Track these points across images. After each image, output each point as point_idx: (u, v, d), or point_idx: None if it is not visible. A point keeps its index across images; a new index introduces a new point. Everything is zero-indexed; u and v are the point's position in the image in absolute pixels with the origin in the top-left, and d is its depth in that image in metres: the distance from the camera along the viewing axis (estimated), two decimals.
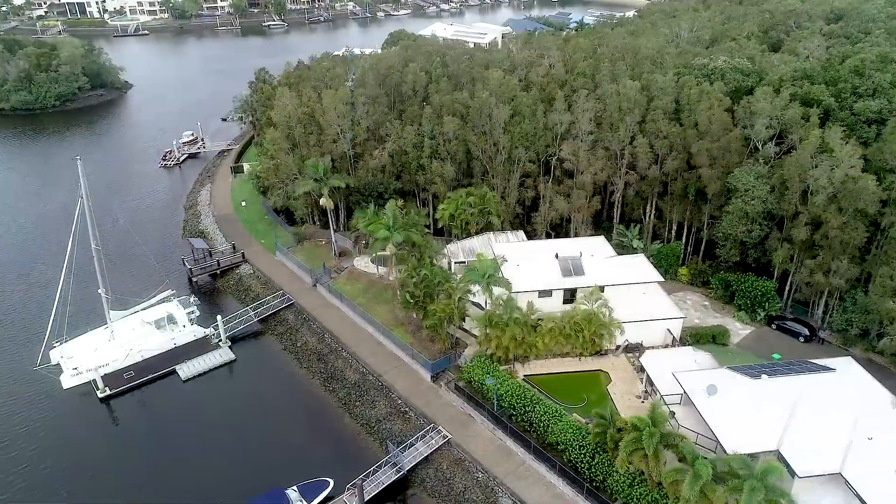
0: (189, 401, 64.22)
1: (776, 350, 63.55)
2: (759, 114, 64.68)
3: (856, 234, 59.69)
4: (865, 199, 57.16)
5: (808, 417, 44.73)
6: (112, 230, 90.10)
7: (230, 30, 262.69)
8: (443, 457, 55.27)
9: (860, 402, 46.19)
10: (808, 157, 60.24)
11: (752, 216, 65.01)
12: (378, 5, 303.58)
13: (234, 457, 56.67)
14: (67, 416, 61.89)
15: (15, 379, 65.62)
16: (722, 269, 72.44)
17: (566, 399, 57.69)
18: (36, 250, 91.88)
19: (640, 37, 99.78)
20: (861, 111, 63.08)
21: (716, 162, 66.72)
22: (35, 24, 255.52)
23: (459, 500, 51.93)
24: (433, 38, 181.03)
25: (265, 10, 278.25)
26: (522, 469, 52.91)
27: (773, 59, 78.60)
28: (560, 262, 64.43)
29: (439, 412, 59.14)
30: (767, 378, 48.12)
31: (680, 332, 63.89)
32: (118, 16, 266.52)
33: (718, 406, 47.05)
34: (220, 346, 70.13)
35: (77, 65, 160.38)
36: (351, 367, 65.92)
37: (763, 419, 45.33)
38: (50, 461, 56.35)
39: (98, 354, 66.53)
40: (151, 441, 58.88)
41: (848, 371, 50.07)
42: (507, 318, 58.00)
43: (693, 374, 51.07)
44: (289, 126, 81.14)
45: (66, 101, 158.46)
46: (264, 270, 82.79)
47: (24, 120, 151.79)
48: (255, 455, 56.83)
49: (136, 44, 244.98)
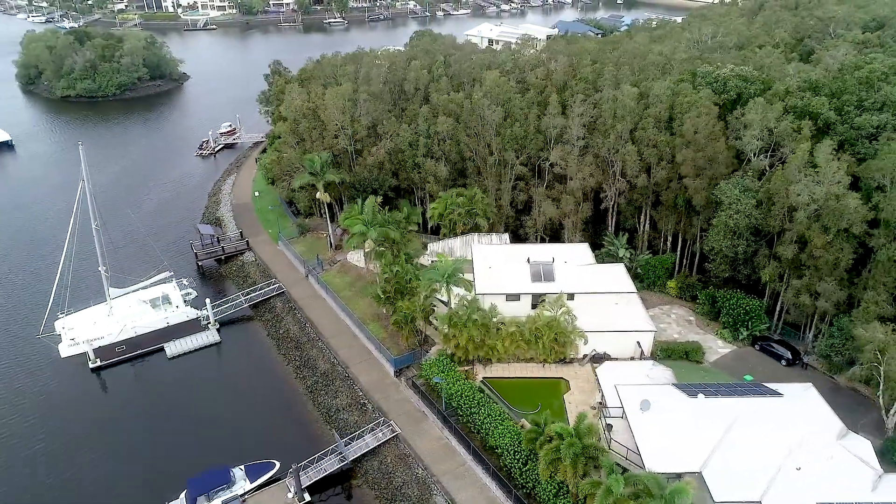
0: (169, 377, 67.76)
1: (753, 372, 60.92)
2: (750, 125, 62.10)
3: (841, 255, 56.49)
4: (849, 218, 54.03)
5: (739, 441, 42.98)
6: (132, 214, 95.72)
7: (293, 26, 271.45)
8: (389, 451, 56.15)
9: (803, 430, 43.88)
10: (794, 172, 57.45)
11: (736, 231, 62.45)
12: (438, 4, 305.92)
13: (197, 433, 59.54)
14: (61, 382, 66.56)
15: (20, 345, 71.14)
16: (711, 285, 69.93)
17: (520, 404, 57.46)
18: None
19: (664, 41, 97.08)
20: (861, 125, 59.47)
21: (702, 172, 64.45)
22: (115, 17, 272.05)
23: (396, 494, 52.69)
24: (477, 38, 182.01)
25: (328, 7, 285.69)
26: (462, 469, 53.13)
27: (789, 68, 74.89)
28: (531, 267, 63.99)
29: (395, 407, 60.03)
30: (704, 398, 46.40)
31: (651, 346, 62.28)
32: (190, 11, 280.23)
33: (650, 422, 45.80)
34: (208, 328, 73.49)
35: (138, 56, 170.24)
36: (323, 357, 67.72)
37: (692, 439, 43.86)
38: (34, 417, 61.57)
39: (95, 328, 71.03)
40: (127, 412, 62.63)
41: (802, 397, 47.58)
42: (465, 318, 58.23)
43: (636, 388, 49.84)
44: (295, 120, 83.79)
45: (125, 90, 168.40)
46: (265, 259, 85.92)
47: (87, 106, 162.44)
48: (216, 432, 59.49)
49: (204, 37, 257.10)
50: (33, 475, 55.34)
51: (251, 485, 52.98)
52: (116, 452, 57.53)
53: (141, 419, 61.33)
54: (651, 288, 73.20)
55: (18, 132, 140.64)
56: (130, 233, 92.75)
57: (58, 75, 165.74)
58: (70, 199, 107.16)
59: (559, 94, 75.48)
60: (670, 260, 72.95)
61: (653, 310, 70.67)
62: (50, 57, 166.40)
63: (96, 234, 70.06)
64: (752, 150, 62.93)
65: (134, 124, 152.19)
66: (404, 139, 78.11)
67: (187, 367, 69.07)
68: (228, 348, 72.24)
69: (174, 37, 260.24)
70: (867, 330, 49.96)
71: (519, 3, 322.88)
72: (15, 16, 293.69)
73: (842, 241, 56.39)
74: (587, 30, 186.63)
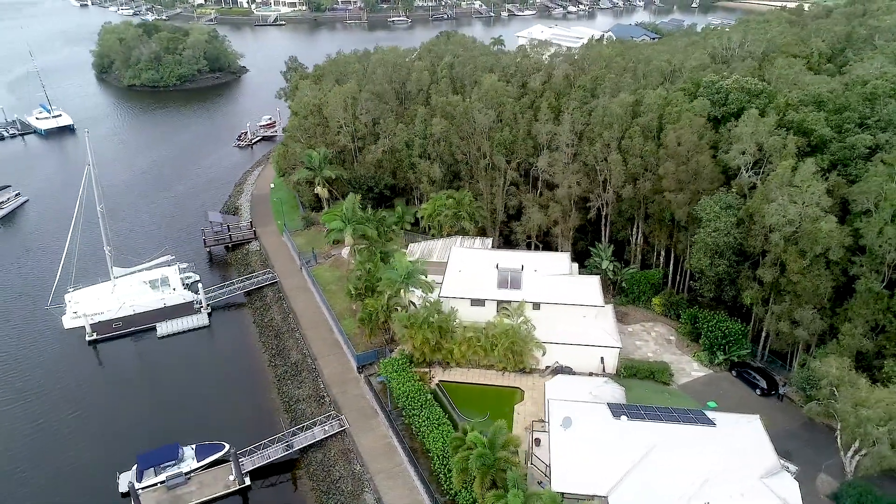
0: (155, 355, 71.45)
1: (723, 399, 57.93)
2: (739, 138, 58.93)
3: (819, 282, 52.80)
4: (825, 243, 50.42)
5: (652, 468, 41.13)
6: (155, 198, 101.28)
7: (358, 23, 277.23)
8: (335, 444, 57.09)
9: (725, 463, 41.49)
10: (774, 190, 54.15)
11: (716, 249, 59.45)
12: (503, 4, 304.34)
13: (166, 409, 62.51)
14: (58, 351, 71.62)
15: (31, 313, 76.91)
16: (697, 304, 66.89)
17: (470, 410, 57.10)
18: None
19: (693, 49, 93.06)
20: (855, 145, 55.26)
21: (685, 186, 61.69)
22: (194, 11, 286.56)
23: (332, 488, 53.56)
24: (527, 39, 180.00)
25: (394, 6, 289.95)
26: (398, 470, 53.35)
27: (807, 80, 70.33)
28: (499, 274, 63.20)
29: (350, 402, 60.90)
30: (627, 419, 44.55)
31: (616, 363, 60.36)
32: (263, 6, 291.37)
33: (568, 440, 44.49)
34: (200, 312, 76.80)
35: (199, 49, 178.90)
36: (297, 348, 69.43)
37: (605, 461, 42.32)
38: (27, 377, 67.29)
39: (98, 303, 75.65)
40: (109, 384, 66.75)
41: (738, 429, 44.87)
42: (420, 320, 58.35)
43: (567, 404, 48.44)
44: (304, 116, 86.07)
45: (185, 81, 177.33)
46: (269, 249, 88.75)
47: (150, 95, 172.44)
48: (182, 411, 62.27)
49: (273, 32, 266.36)
50: (11, 427, 60.29)
51: (198, 464, 55.17)
52: (89, 419, 61.58)
53: (118, 391, 65.20)
54: (636, 303, 70.74)
55: (83, 117, 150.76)
56: (148, 216, 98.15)
57: (126, 65, 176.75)
58: (112, 181, 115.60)
59: (557, 100, 74.04)
60: (657, 275, 70.15)
61: (633, 326, 68.52)
62: (120, 48, 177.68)
63: (101, 216, 74.57)
64: (740, 165, 59.69)
65: (187, 113, 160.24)
66: (401, 139, 78.76)
67: (173, 347, 72.52)
68: (215, 332, 75.29)
69: (246, 31, 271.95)
70: (823, 364, 46.48)
71: (588, 5, 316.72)
72: (108, 8, 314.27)
73: (820, 266, 52.71)
74: (643, 34, 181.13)
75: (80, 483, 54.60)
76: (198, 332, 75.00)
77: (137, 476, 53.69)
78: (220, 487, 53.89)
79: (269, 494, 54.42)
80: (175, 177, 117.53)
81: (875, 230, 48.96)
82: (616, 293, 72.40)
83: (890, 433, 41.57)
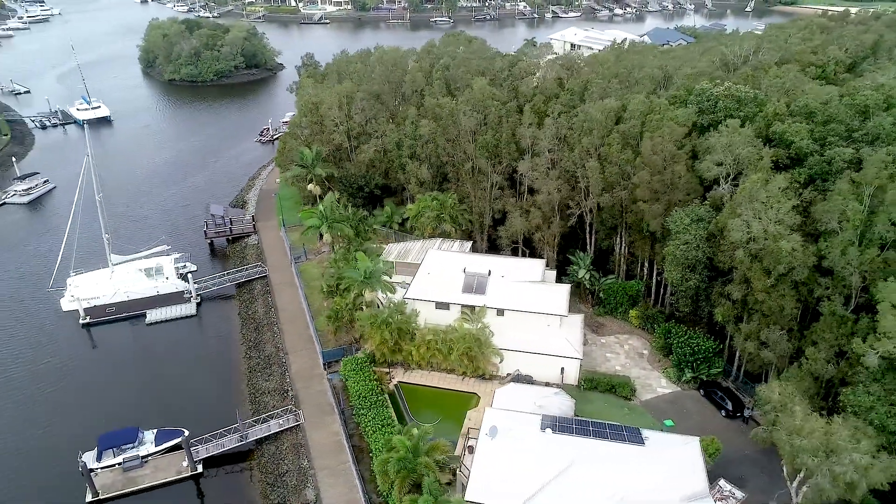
0: (141, 341, 74.11)
1: (686, 419, 56.14)
2: (713, 149, 56.82)
3: (784, 303, 50.39)
4: (786, 262, 48.08)
5: (568, 484, 40.15)
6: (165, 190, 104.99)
7: (401, 23, 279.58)
8: (288, 438, 57.87)
9: (650, 482, 40.15)
10: (743, 204, 51.94)
11: (687, 263, 57.47)
12: (547, 6, 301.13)
13: (138, 393, 64.76)
14: (52, 331, 75.14)
15: (34, 294, 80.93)
16: (674, 318, 64.84)
17: (424, 413, 57.10)
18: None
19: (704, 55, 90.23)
20: (833, 158, 52.39)
21: (660, 197, 59.82)
22: (244, 9, 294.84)
23: (278, 480, 54.31)
24: (560, 42, 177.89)
25: (438, 6, 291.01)
26: (342, 468, 53.64)
27: (806, 88, 67.16)
28: (465, 278, 62.82)
29: (310, 398, 61.60)
30: (552, 432, 43.57)
31: (577, 374, 59.18)
32: (311, 5, 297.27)
33: (493, 450, 43.89)
34: (189, 301, 79.15)
35: (237, 46, 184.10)
36: (273, 341, 70.70)
37: (523, 474, 41.53)
38: (18, 352, 71.50)
39: (95, 288, 78.89)
40: (92, 364, 69.74)
41: (669, 451, 43.33)
42: (379, 320, 58.59)
43: (501, 412, 47.83)
44: (303, 114, 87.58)
45: (222, 77, 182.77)
46: (266, 243, 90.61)
47: (188, 90, 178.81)
48: (152, 395, 64.38)
49: (318, 31, 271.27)
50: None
51: (156, 448, 56.84)
52: (66, 396, 64.67)
53: (98, 372, 68.18)
54: (613, 314, 69.08)
55: (122, 109, 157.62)
56: (158, 205, 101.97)
57: (168, 60, 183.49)
58: (133, 170, 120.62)
59: (545, 104, 72.97)
60: (636, 287, 68.26)
61: (607, 337, 67.04)
62: (163, 43, 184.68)
63: (99, 205, 77.78)
64: (714, 177, 57.50)
65: (220, 108, 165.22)
66: (391, 139, 79.16)
67: (159, 334, 75.02)
68: (201, 321, 77.45)
69: (293, 29, 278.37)
70: (766, 388, 44.34)
71: (635, 8, 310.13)
72: (165, 4, 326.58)
73: (786, 286, 50.29)
74: (680, 38, 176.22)
75: (44, 457, 57.04)
76: (185, 320, 77.30)
77: (97, 456, 55.75)
78: (173, 473, 55.41)
79: (219, 483, 55.60)
80: (194, 168, 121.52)
81: (838, 251, 46.37)
82: (595, 303, 70.91)
83: (828, 465, 39.29)
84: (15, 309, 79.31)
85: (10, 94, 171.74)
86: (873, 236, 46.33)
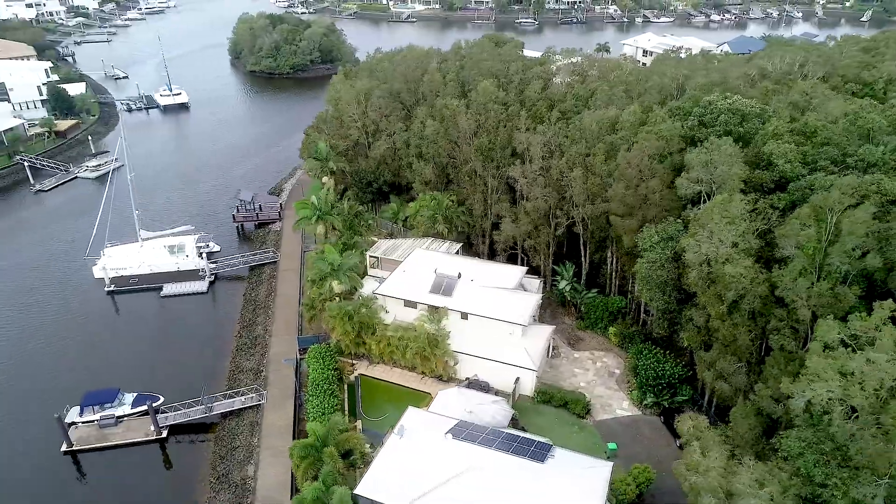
0: (152, 310, 79.91)
1: (634, 444, 53.93)
2: (690, 166, 53.95)
3: (737, 332, 47.27)
4: (733, 287, 45.10)
5: (456, 492, 39.85)
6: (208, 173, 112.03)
7: (487, 23, 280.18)
8: (248, 416, 60.70)
9: (540, 500, 39.13)
10: (706, 225, 49.08)
11: (655, 282, 54.96)
12: (639, 10, 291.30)
13: (133, 357, 69.98)
14: (79, 294, 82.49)
15: (73, 259, 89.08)
16: (650, 340, 62.08)
17: (376, 406, 58.24)
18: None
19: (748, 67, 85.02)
20: (812, 184, 48.33)
21: (633, 212, 57.43)
22: (338, 6, 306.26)
23: (227, 454, 57.18)
24: (633, 48, 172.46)
25: (525, 7, 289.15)
26: (284, 450, 55.30)
27: (830, 105, 62.13)
28: (435, 279, 63.09)
29: (279, 380, 64.13)
30: (451, 438, 43.20)
31: (533, 386, 58.15)
32: (400, 3, 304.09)
33: (396, 449, 44.21)
34: (203, 279, 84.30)
35: (315, 41, 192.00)
36: (263, 324, 74.13)
37: (416, 476, 41.60)
38: (46, 308, 79.37)
39: (124, 260, 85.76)
40: (104, 326, 75.98)
41: (576, 472, 41.81)
42: (342, 312, 60.18)
43: (422, 413, 48.13)
44: (327, 109, 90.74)
45: (298, 71, 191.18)
46: (287, 230, 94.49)
47: (266, 81, 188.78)
48: (144, 361, 69.25)
49: (405, 28, 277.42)
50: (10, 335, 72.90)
51: (131, 410, 61.36)
52: (69, 349, 71.25)
53: (106, 333, 74.47)
54: (594, 329, 66.96)
55: (202, 96, 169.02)
56: (201, 187, 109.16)
57: (250, 52, 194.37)
58: (190, 154, 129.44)
59: (549, 110, 71.70)
60: (617, 303, 65.78)
61: (582, 353, 65.25)
62: (248, 36, 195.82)
63: (130, 183, 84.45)
64: (692, 195, 54.52)
65: (290, 99, 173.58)
66: (401, 138, 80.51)
67: (170, 307, 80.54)
68: (208, 299, 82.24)
69: (382, 26, 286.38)
70: (681, 420, 41.82)
71: (736, 15, 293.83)
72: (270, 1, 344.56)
73: (742, 315, 47.12)
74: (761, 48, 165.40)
75: (35, 405, 62.72)
76: (196, 296, 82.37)
77: (80, 411, 61.03)
78: (141, 435, 59.65)
79: (179, 449, 59.18)
80: (250, 154, 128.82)
81: (787, 280, 42.94)
82: (578, 316, 69.04)
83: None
84: (58, 270, 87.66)
85: (111, 79, 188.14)
86: (831, 268, 42.53)
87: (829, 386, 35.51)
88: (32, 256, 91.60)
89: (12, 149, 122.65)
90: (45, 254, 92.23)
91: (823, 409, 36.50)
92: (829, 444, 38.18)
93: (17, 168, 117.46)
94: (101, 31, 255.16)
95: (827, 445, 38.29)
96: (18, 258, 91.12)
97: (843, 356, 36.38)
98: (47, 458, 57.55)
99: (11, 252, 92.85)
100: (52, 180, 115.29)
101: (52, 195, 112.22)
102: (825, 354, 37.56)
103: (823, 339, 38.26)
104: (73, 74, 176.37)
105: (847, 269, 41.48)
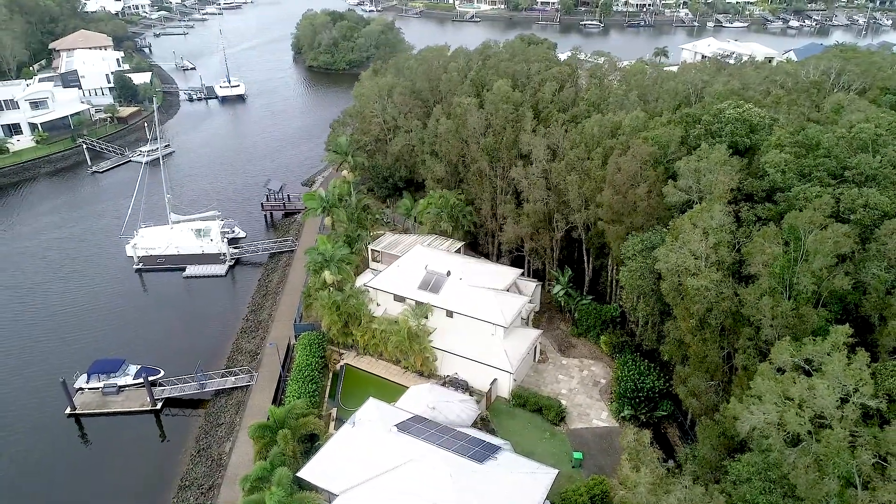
0: (173, 288, 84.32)
1: (604, 455, 52.75)
2: (680, 174, 52.21)
3: (706, 348, 45.54)
4: (697, 301, 43.47)
5: (391, 484, 40.34)
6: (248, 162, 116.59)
7: (551, 24, 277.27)
8: (237, 395, 63.22)
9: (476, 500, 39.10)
10: (685, 235, 47.44)
11: (637, 291, 53.56)
12: (712, 14, 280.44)
13: (146, 330, 74.20)
14: (109, 268, 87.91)
15: (109, 236, 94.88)
16: (639, 350, 60.42)
17: (354, 396, 59.31)
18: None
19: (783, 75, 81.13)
20: (798, 196, 45.80)
21: (622, 219, 56.03)
22: (405, 4, 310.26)
23: (210, 430, 59.86)
24: (691, 53, 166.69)
25: (591, 9, 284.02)
26: None
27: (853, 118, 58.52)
28: (425, 275, 63.55)
29: (272, 364, 66.29)
30: (396, 431, 43.58)
31: (510, 388, 57.80)
32: (466, 3, 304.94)
33: (345, 438, 45.15)
34: (223, 263, 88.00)
35: (372, 39, 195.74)
36: (269, 309, 76.74)
37: (357, 465, 42.33)
38: (75, 275, 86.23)
39: (154, 240, 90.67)
40: (126, 300, 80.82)
41: (517, 476, 41.40)
42: (330, 302, 61.64)
43: (383, 407, 48.83)
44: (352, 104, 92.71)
45: (353, 66, 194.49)
46: (309, 220, 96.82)
47: (323, 76, 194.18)
48: (154, 335, 73.33)
49: (469, 28, 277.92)
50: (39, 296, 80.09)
51: (133, 381, 65.05)
52: (90, 318, 76.68)
53: (128, 307, 79.16)
54: (586, 336, 65.70)
55: (260, 88, 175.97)
56: (238, 176, 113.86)
57: (310, 48, 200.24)
58: (237, 143, 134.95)
59: (560, 113, 70.80)
60: (611, 311, 64.20)
61: (571, 360, 64.27)
62: (309, 32, 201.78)
63: (162, 169, 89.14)
64: (681, 203, 52.71)
65: (343, 93, 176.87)
66: (416, 135, 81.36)
67: (190, 287, 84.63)
68: (227, 282, 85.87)
69: (447, 25, 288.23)
70: (624, 433, 40.58)
71: (818, 21, 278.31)
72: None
73: (712, 330, 45.35)
74: None
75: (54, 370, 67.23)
76: (214, 279, 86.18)
77: (87, 378, 65.22)
78: (137, 405, 63.17)
79: (171, 421, 62.38)
80: (292, 145, 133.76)
81: (753, 297, 40.98)
82: (572, 323, 67.89)
83: None
84: (97, 246, 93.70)
85: (180, 70, 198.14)
86: (800, 288, 40.31)
87: (766, 409, 33.84)
88: (78, 231, 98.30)
89: (77, 132, 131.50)
90: (89, 230, 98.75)
91: (761, 433, 34.82)
92: (776, 471, 36.46)
93: (79, 150, 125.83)
94: (179, 25, 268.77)
95: (774, 473, 36.60)
96: (68, 231, 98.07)
97: (786, 380, 34.59)
98: (51, 419, 61.84)
99: (63, 224, 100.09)
100: (107, 163, 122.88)
101: (106, 176, 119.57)
102: (774, 378, 35.83)
103: (776, 362, 36.46)
104: (143, 64, 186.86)
105: (814, 290, 39.22)
